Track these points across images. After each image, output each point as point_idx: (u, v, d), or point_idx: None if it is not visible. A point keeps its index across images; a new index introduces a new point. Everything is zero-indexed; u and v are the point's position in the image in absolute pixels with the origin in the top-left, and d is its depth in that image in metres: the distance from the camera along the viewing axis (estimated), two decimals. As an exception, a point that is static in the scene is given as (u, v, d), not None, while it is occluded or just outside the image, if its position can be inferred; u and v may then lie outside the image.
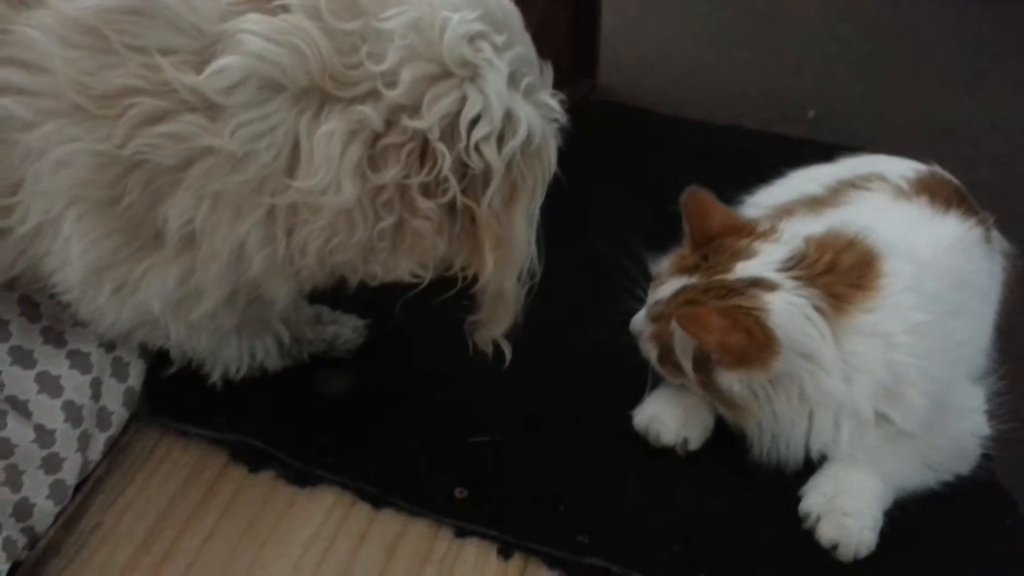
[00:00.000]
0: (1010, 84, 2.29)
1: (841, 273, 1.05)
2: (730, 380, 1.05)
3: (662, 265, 1.18)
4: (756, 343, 1.01)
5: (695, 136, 1.86)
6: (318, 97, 0.87)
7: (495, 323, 1.00)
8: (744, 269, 1.06)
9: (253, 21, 0.85)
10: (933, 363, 1.04)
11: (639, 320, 1.16)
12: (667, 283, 1.12)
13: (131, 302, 0.97)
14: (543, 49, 0.95)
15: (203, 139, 0.86)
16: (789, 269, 1.05)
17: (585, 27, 1.99)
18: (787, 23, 2.50)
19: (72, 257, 0.93)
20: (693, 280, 1.09)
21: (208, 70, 0.85)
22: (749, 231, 1.12)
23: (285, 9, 0.86)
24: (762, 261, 1.07)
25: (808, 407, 1.05)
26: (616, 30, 2.20)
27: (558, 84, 0.96)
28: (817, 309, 1.02)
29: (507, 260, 0.93)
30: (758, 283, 1.05)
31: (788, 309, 1.02)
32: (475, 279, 0.94)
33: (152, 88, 0.86)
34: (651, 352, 1.14)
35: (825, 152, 1.46)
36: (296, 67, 0.84)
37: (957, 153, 1.98)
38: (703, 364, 1.06)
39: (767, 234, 1.11)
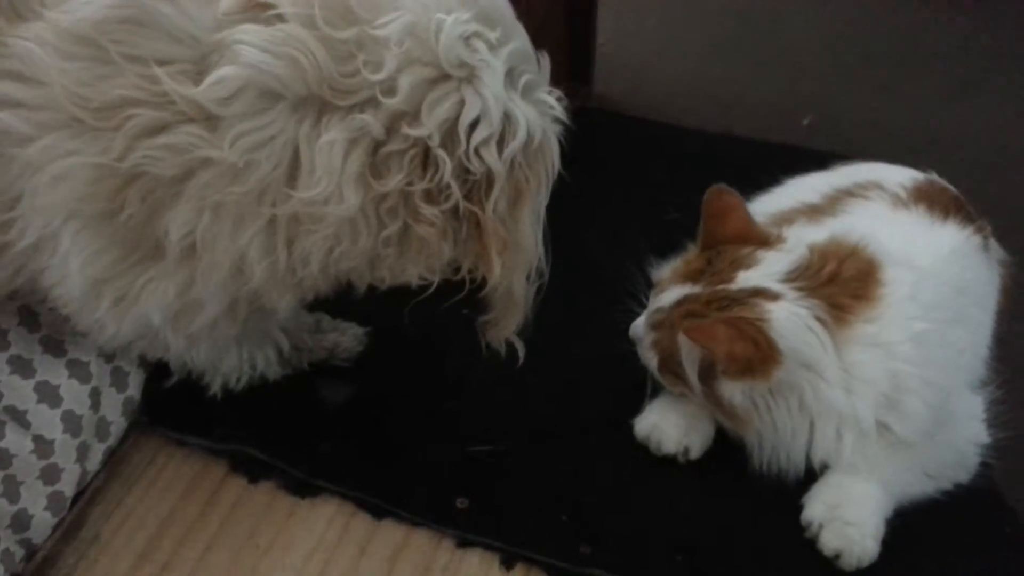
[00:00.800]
0: (1004, 92, 2.29)
1: (843, 283, 1.05)
2: (732, 390, 1.05)
3: (663, 272, 1.18)
4: (761, 353, 1.01)
5: (691, 144, 1.86)
6: (316, 106, 0.86)
7: (506, 323, 1.00)
8: (746, 279, 1.07)
9: (248, 31, 0.85)
10: (934, 372, 1.04)
11: (639, 327, 1.16)
12: (669, 291, 1.12)
13: (131, 314, 0.96)
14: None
15: (203, 150, 0.85)
16: (792, 280, 1.05)
17: (581, 35, 1.99)
18: (782, 32, 2.50)
19: (71, 271, 0.92)
20: (695, 289, 1.09)
21: (206, 81, 0.84)
22: (759, 241, 1.11)
23: (280, 18, 0.86)
24: (764, 271, 1.07)
25: (809, 417, 1.05)
26: (612, 39, 2.21)
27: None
28: (818, 319, 1.02)
29: (515, 262, 0.94)
30: (760, 293, 1.05)
31: (790, 319, 1.02)
32: (484, 281, 0.94)
33: (150, 99, 0.85)
34: (651, 360, 1.14)
35: (820, 160, 1.45)
36: (293, 77, 0.84)
37: (951, 161, 1.97)
38: (706, 374, 1.06)
39: (771, 243, 1.11)
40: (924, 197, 1.24)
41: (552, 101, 0.93)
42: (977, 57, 2.40)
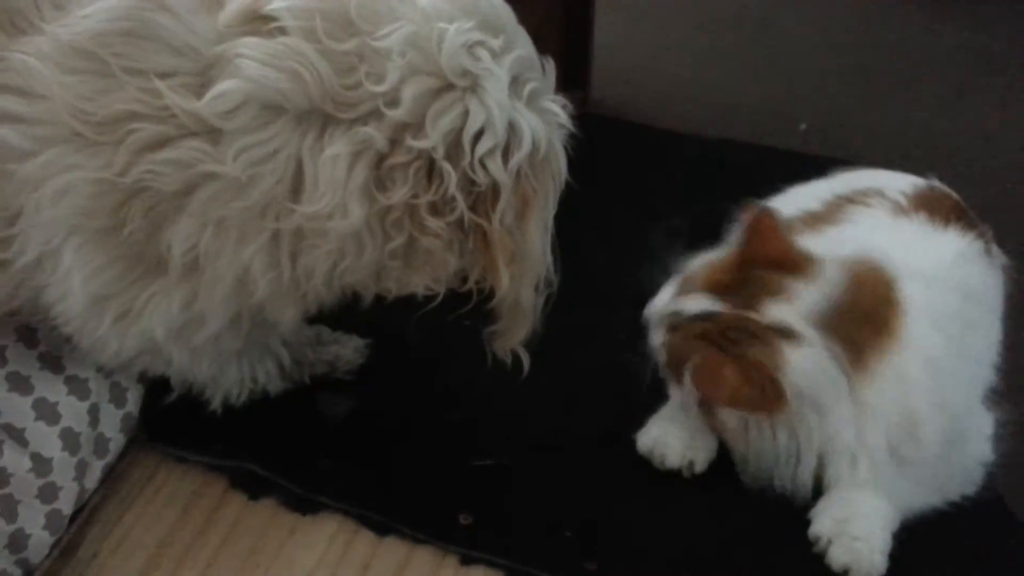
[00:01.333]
0: (1000, 97, 2.30)
1: (861, 316, 1.04)
2: (729, 416, 1.05)
3: (694, 268, 1.14)
4: (766, 398, 1.00)
5: (687, 149, 1.86)
6: (319, 120, 0.86)
7: (514, 334, 0.99)
8: (773, 312, 1.03)
9: (250, 45, 0.84)
10: (948, 398, 1.04)
11: (656, 310, 1.13)
12: (693, 297, 1.09)
13: (134, 330, 0.95)
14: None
15: (205, 164, 0.85)
16: (815, 315, 1.03)
17: (577, 41, 1.99)
18: (778, 36, 2.51)
19: (73, 287, 0.91)
20: (720, 307, 1.06)
21: (208, 95, 0.84)
22: (794, 268, 1.07)
23: (281, 31, 0.85)
24: (790, 305, 1.04)
25: (816, 448, 1.04)
26: (608, 44, 2.20)
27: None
28: (836, 361, 1.01)
29: (523, 273, 0.93)
30: (781, 332, 1.02)
31: (807, 363, 1.00)
32: (492, 292, 0.93)
33: (152, 113, 0.85)
34: (659, 354, 1.12)
35: (817, 165, 1.44)
36: (295, 90, 0.84)
37: (948, 165, 2.00)
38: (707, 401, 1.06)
39: (805, 269, 1.06)
40: (925, 204, 1.24)
41: (557, 109, 0.93)
42: (973, 62, 2.41)
